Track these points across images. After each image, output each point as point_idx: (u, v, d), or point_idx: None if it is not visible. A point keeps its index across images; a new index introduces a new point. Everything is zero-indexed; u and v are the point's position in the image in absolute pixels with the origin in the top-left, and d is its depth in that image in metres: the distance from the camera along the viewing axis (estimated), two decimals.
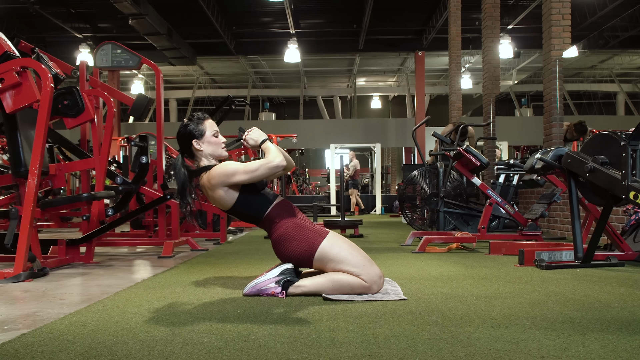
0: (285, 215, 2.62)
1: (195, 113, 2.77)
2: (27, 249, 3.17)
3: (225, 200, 2.61)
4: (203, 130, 2.69)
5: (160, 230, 5.00)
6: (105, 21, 14.59)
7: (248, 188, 2.62)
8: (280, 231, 2.59)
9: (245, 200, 2.62)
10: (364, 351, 1.63)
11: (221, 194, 2.59)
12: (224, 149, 2.74)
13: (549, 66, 6.96)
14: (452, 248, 4.71)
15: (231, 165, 2.57)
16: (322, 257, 2.52)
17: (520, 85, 21.47)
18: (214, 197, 2.62)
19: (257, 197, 2.65)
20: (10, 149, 3.58)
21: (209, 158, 2.71)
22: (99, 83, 4.85)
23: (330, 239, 2.54)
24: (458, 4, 11.58)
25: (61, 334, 1.87)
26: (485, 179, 8.96)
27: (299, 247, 2.54)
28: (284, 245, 2.57)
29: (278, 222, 2.60)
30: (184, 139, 2.70)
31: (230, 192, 2.59)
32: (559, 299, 2.45)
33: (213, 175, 2.59)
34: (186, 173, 2.68)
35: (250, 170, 2.55)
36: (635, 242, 4.03)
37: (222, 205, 2.64)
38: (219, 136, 2.73)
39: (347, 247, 2.54)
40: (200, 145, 2.68)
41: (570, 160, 3.49)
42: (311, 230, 2.57)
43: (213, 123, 2.74)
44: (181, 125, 2.71)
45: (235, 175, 2.55)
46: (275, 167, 2.57)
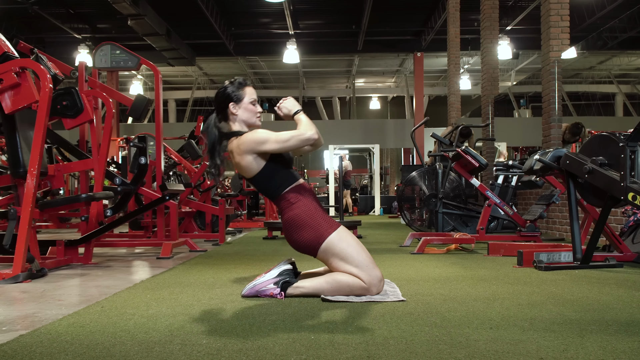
0: (302, 198, 2.59)
1: (237, 77, 2.75)
2: (26, 250, 3.16)
3: (251, 169, 2.58)
4: (242, 96, 2.66)
5: (158, 231, 5.00)
6: (104, 22, 14.58)
7: (276, 160, 2.60)
8: (293, 213, 2.56)
9: (270, 172, 2.59)
10: (363, 352, 1.63)
11: (249, 160, 2.56)
12: (259, 119, 2.71)
13: (547, 67, 6.96)
14: (451, 249, 4.71)
15: (263, 133, 2.55)
16: (328, 249, 2.50)
17: (519, 86, 21.48)
18: (241, 162, 2.59)
19: (282, 171, 2.62)
20: (9, 149, 3.58)
21: (242, 124, 2.68)
22: (98, 84, 4.85)
23: (340, 233, 2.52)
24: (457, 5, 11.59)
25: (59, 335, 1.87)
26: (484, 180, 8.96)
27: (307, 234, 2.52)
28: (294, 229, 2.55)
29: (294, 204, 2.57)
30: (222, 100, 2.67)
31: (258, 160, 2.57)
32: (557, 300, 2.45)
33: (243, 141, 2.56)
34: (217, 134, 2.67)
35: (282, 140, 2.52)
36: (633, 243, 4.03)
37: (246, 172, 2.61)
38: (256, 105, 2.71)
39: (354, 245, 2.52)
40: (236, 110, 2.66)
41: (569, 162, 3.49)
42: (323, 219, 2.54)
43: (253, 91, 2.72)
44: (221, 87, 2.70)
45: (266, 144, 2.53)
46: (307, 140, 2.54)
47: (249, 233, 7.46)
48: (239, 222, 8.74)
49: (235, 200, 9.20)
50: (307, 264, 3.72)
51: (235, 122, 2.68)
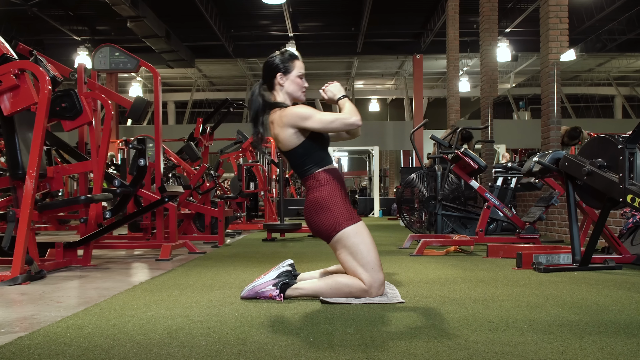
0: (332, 182, 2.58)
1: (288, 49, 2.74)
2: (25, 252, 3.16)
3: (289, 142, 2.57)
4: (291, 68, 2.66)
5: (158, 233, 5.00)
6: (104, 24, 14.60)
7: (315, 138, 2.60)
8: (318, 194, 2.55)
9: (307, 148, 2.58)
10: (362, 354, 1.63)
11: (289, 133, 2.55)
12: (304, 94, 2.71)
13: (546, 69, 6.97)
14: (450, 251, 4.71)
15: (307, 109, 2.54)
16: (341, 239, 2.49)
17: (518, 89, 21.51)
18: (280, 134, 2.58)
19: (319, 151, 2.61)
20: (7, 151, 3.57)
21: (286, 97, 2.67)
22: (97, 85, 4.85)
23: (358, 227, 2.51)
24: (456, 7, 11.61)
25: (58, 337, 1.87)
26: (483, 181, 8.97)
27: (327, 219, 2.51)
28: (314, 211, 2.54)
29: (322, 185, 2.56)
30: (270, 69, 2.67)
31: (298, 135, 2.56)
32: (556, 302, 2.45)
33: (287, 114, 2.55)
34: (262, 102, 2.66)
35: (325, 121, 2.52)
36: (632, 245, 4.04)
37: (283, 145, 2.60)
38: (303, 80, 2.70)
39: (368, 243, 2.51)
40: (283, 81, 2.65)
41: (567, 164, 3.49)
42: (345, 209, 2.53)
43: (302, 65, 2.71)
44: (271, 56, 2.69)
45: (309, 120, 2.52)
46: (351, 125, 2.53)
47: (248, 235, 7.46)
48: (238, 224, 8.73)
49: (235, 202, 9.20)
50: (306, 265, 3.73)
51: (280, 93, 2.67)
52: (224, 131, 11.48)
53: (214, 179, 7.57)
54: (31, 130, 3.35)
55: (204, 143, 7.46)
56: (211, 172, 7.58)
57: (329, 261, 4.07)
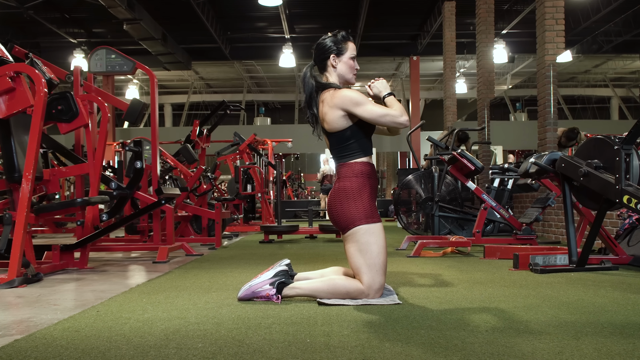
0: (365, 176, 2.57)
1: (341, 32, 2.72)
2: (21, 255, 3.15)
3: (337, 123, 2.56)
4: (344, 49, 2.66)
5: (154, 235, 4.99)
6: (100, 26, 14.58)
7: (362, 126, 2.59)
8: (349, 184, 2.55)
9: (352, 133, 2.58)
10: (359, 355, 1.63)
11: (337, 115, 2.55)
12: (354, 77, 2.71)
13: (543, 71, 6.99)
14: (447, 252, 4.72)
15: (361, 96, 2.54)
16: (355, 234, 2.49)
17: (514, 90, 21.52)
18: (328, 113, 2.57)
19: (363, 140, 2.61)
20: (4, 154, 3.57)
21: (337, 78, 2.68)
22: (93, 88, 4.84)
23: (376, 227, 2.51)
24: (452, 9, 11.64)
25: (55, 339, 1.86)
26: (480, 183, 8.98)
27: (348, 210, 2.51)
28: (340, 199, 2.54)
29: (355, 176, 2.56)
30: (323, 50, 2.67)
31: (345, 118, 2.55)
32: (553, 302, 2.45)
33: (340, 95, 2.55)
34: (314, 83, 2.66)
35: (376, 113, 2.51)
36: (629, 246, 4.05)
37: (330, 124, 2.59)
38: (355, 62, 2.71)
39: (381, 245, 2.50)
40: (336, 62, 2.66)
41: (564, 165, 3.50)
42: (370, 206, 2.53)
43: (354, 47, 2.71)
44: (324, 37, 2.69)
45: (360, 106, 2.51)
46: (400, 123, 2.54)
47: (245, 237, 7.45)
48: (235, 226, 8.72)
49: (232, 204, 9.19)
50: (303, 267, 3.72)
51: (332, 74, 2.68)
52: (220, 133, 11.48)
53: (210, 181, 7.56)
54: (27, 133, 3.34)
55: (201, 145, 7.45)
56: (208, 174, 7.58)
57: (326, 263, 4.08)
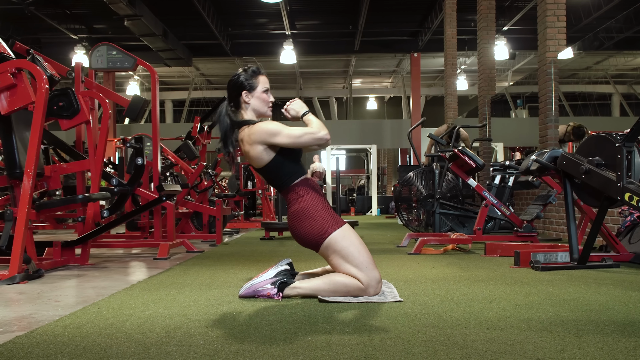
0: (310, 191, 2.59)
1: (251, 65, 2.75)
2: (22, 251, 3.15)
3: (260, 159, 2.58)
4: (255, 84, 2.67)
5: (155, 232, 4.99)
6: (101, 22, 14.56)
7: (286, 153, 2.60)
8: (300, 205, 2.56)
9: (279, 164, 2.59)
10: (360, 353, 1.63)
11: (259, 150, 2.56)
12: (270, 109, 2.72)
13: (544, 67, 6.98)
14: (448, 249, 4.72)
15: (276, 125, 2.55)
16: (330, 245, 2.49)
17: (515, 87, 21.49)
18: (250, 152, 2.58)
19: (291, 164, 2.62)
20: (5, 150, 3.57)
21: (253, 113, 2.68)
22: (94, 84, 4.83)
23: (344, 231, 2.52)
24: (453, 6, 11.61)
25: (56, 336, 1.86)
26: (481, 180, 8.97)
27: (311, 228, 2.51)
28: (299, 221, 2.55)
29: (302, 196, 2.57)
30: (235, 88, 2.67)
31: (268, 151, 2.56)
32: (554, 300, 2.45)
33: (255, 131, 2.55)
34: (229, 122, 2.66)
35: (294, 136, 2.53)
36: (630, 243, 4.04)
37: (255, 162, 2.61)
38: (269, 94, 2.71)
39: (357, 244, 2.51)
40: (249, 98, 2.66)
41: (565, 162, 3.49)
42: (329, 215, 2.54)
43: (266, 80, 2.72)
44: (235, 74, 2.69)
45: (277, 136, 2.52)
46: (320, 139, 2.55)
47: (246, 234, 7.45)
48: (236, 223, 8.73)
49: (232, 200, 9.19)
50: (304, 264, 3.72)
51: (247, 110, 2.68)
52: None
53: (211, 178, 7.56)
54: (28, 129, 3.34)
55: (202, 142, 7.44)
56: (209, 171, 7.58)
57: None
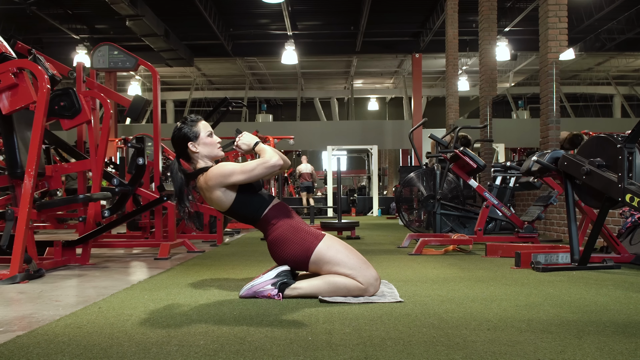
0: (282, 217, 2.62)
1: (188, 115, 2.77)
2: (23, 251, 3.16)
3: (223, 201, 2.61)
4: (197, 132, 2.69)
5: (156, 232, 4.99)
6: (102, 22, 14.58)
7: (245, 188, 2.62)
8: (276, 233, 2.58)
9: (242, 201, 2.62)
10: (360, 353, 1.63)
11: (219, 194, 2.59)
12: (220, 149, 2.74)
13: (545, 68, 6.97)
14: (449, 250, 4.71)
15: (228, 165, 2.57)
16: (318, 259, 2.51)
17: (517, 88, 21.50)
18: (211, 198, 2.62)
19: (254, 197, 2.64)
20: (6, 150, 3.57)
21: (205, 159, 2.71)
22: (96, 84, 4.84)
23: (327, 242, 2.54)
24: (455, 7, 11.61)
25: (57, 335, 1.87)
26: (482, 181, 8.97)
27: (294, 250, 2.53)
28: (280, 247, 2.57)
29: (275, 224, 2.60)
30: (179, 142, 2.69)
31: (227, 192, 2.59)
32: (555, 301, 2.45)
33: (210, 177, 2.58)
34: (183, 177, 2.68)
35: (248, 170, 2.55)
36: (631, 244, 4.04)
37: (219, 206, 2.64)
38: (213, 136, 2.73)
39: (343, 250, 2.53)
40: (196, 147, 2.68)
41: (566, 163, 3.49)
42: (307, 232, 2.57)
43: (207, 124, 2.74)
44: (175, 129, 2.71)
45: (232, 176, 2.55)
46: (272, 167, 2.56)
47: (247, 234, 7.46)
48: (237, 223, 8.72)
49: None
50: None
51: (199, 159, 2.70)
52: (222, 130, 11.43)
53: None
54: (30, 129, 3.34)
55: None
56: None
57: None
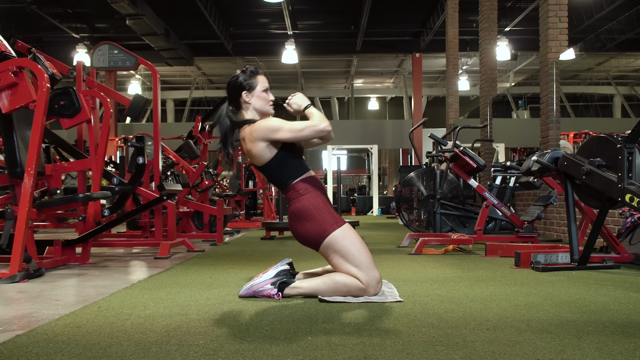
0: (310, 191, 2.58)
1: (249, 66, 2.75)
2: (23, 250, 3.15)
3: (262, 156, 2.57)
4: (254, 84, 2.66)
5: (156, 231, 4.99)
6: (103, 21, 14.57)
7: (288, 149, 2.59)
8: (300, 204, 2.55)
9: (281, 160, 2.58)
10: (360, 353, 1.63)
11: (261, 148, 2.55)
12: (271, 107, 2.71)
13: (545, 68, 6.97)
14: (449, 250, 4.71)
15: (276, 121, 2.55)
16: (330, 245, 2.49)
17: (517, 87, 21.52)
18: (252, 150, 2.57)
19: (293, 161, 2.61)
20: (6, 149, 3.57)
21: (254, 113, 2.68)
22: (96, 83, 4.84)
23: (344, 230, 2.51)
24: (455, 6, 11.61)
25: (56, 335, 1.87)
26: (482, 180, 8.97)
27: (312, 227, 2.51)
28: (299, 221, 2.55)
29: (302, 195, 2.56)
30: (234, 88, 2.67)
31: (270, 148, 2.56)
32: (554, 301, 2.45)
33: (256, 129, 2.55)
34: (229, 123, 2.66)
35: (296, 130, 2.52)
36: (631, 244, 4.04)
37: (257, 159, 2.60)
38: (268, 93, 2.71)
39: (357, 244, 2.51)
40: (249, 98, 2.65)
41: (566, 163, 3.49)
42: (329, 214, 2.54)
43: (265, 79, 2.71)
44: (233, 76, 2.69)
45: (279, 131, 2.52)
46: (321, 131, 2.54)
47: (247, 233, 7.46)
48: (236, 222, 8.73)
49: (233, 200, 9.20)
50: (305, 264, 3.72)
51: (248, 110, 2.67)
52: None
53: (212, 177, 7.56)
54: (29, 128, 3.34)
55: (203, 141, 7.45)
56: (210, 170, 7.58)
57: None
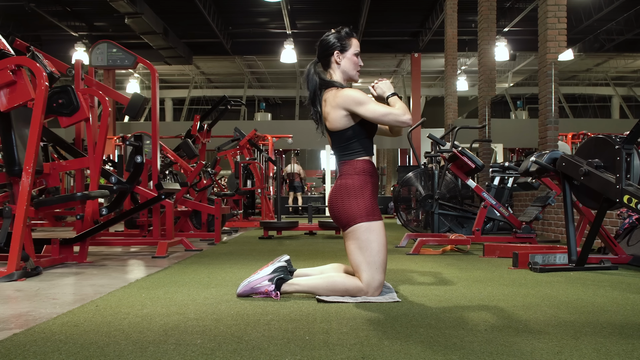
0: (367, 174, 2.58)
1: (345, 28, 2.71)
2: (21, 248, 3.15)
3: (339, 123, 2.56)
4: (348, 46, 2.65)
5: (154, 230, 4.99)
6: (101, 20, 14.55)
7: (363, 125, 2.59)
8: (351, 181, 2.55)
9: (355, 133, 2.58)
10: (358, 353, 1.63)
11: (340, 114, 2.54)
12: (358, 73, 2.70)
13: (544, 69, 6.98)
14: (447, 250, 4.72)
15: (363, 95, 2.54)
16: (356, 230, 2.49)
17: (515, 88, 21.51)
18: (331, 113, 2.57)
19: (365, 139, 2.61)
20: (4, 147, 3.57)
21: (341, 75, 2.67)
22: (94, 82, 4.83)
23: (374, 225, 2.50)
24: (454, 6, 11.61)
25: (53, 334, 1.86)
26: (480, 181, 8.97)
27: (350, 207, 2.51)
28: (341, 196, 2.55)
29: (357, 174, 2.56)
30: (327, 47, 2.66)
31: (349, 118, 2.55)
32: (552, 302, 2.45)
33: (342, 95, 2.54)
34: (318, 80, 2.65)
35: (378, 112, 2.51)
36: (628, 245, 4.04)
37: (332, 124, 2.58)
38: (359, 58, 2.69)
39: (381, 243, 2.50)
40: (340, 59, 2.65)
41: (564, 164, 3.50)
42: (371, 204, 2.54)
43: (358, 44, 2.70)
44: (327, 34, 2.68)
45: (363, 106, 2.51)
46: (402, 122, 2.54)
47: (244, 232, 7.45)
48: (235, 222, 8.72)
49: (232, 199, 9.19)
50: (303, 263, 3.72)
51: (336, 71, 2.67)
52: (221, 128, 11.45)
53: (210, 177, 7.56)
54: (28, 127, 3.34)
55: (201, 140, 7.44)
56: (208, 170, 7.58)
57: (325, 259, 4.08)
